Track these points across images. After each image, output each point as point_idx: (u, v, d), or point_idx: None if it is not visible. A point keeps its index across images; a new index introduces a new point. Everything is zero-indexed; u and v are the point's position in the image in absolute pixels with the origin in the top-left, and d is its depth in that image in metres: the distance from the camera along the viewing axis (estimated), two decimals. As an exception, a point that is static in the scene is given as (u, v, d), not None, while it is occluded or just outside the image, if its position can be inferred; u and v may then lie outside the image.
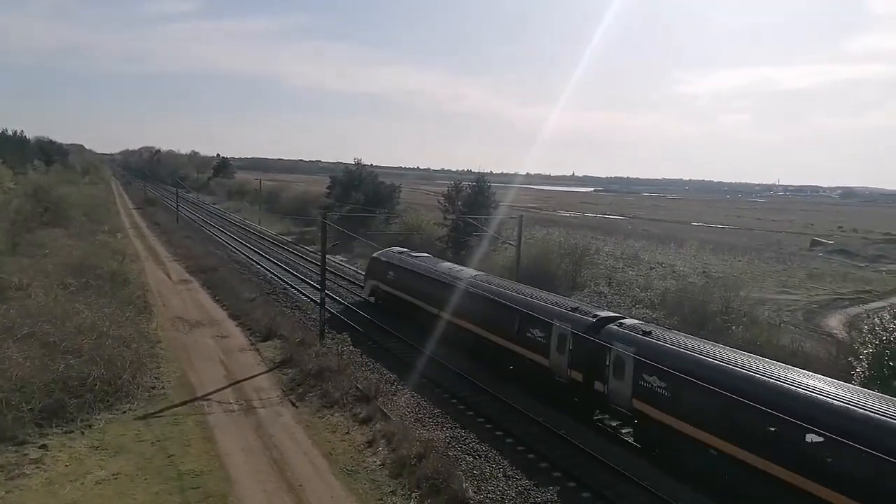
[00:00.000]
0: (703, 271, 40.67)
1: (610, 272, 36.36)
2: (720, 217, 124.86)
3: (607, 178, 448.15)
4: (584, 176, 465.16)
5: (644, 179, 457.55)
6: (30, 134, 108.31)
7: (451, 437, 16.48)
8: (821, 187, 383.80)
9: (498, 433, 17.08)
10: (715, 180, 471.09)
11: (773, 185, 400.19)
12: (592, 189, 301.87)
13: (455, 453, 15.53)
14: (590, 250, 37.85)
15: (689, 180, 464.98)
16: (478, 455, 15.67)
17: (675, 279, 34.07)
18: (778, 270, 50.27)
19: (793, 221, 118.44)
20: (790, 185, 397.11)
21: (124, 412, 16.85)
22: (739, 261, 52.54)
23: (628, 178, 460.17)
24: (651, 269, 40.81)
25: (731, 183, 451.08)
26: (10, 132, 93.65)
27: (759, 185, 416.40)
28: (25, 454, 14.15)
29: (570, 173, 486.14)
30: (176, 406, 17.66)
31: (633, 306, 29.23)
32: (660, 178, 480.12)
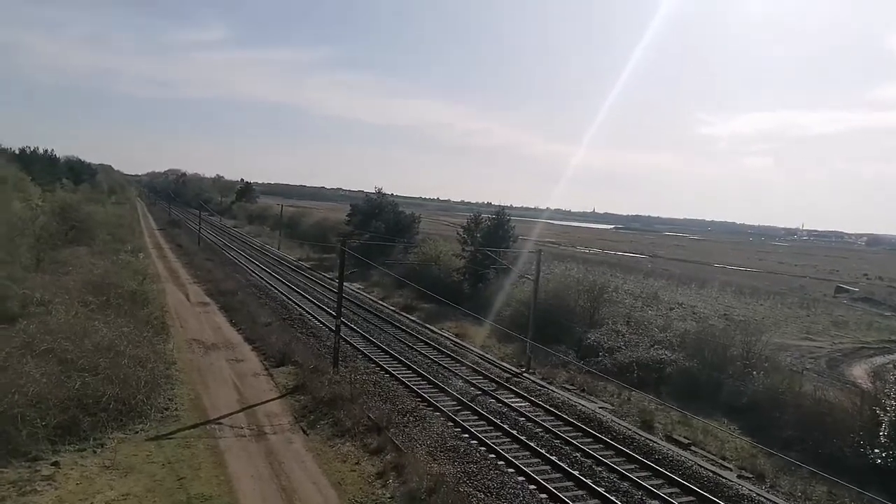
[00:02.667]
0: (725, 314, 40.07)
1: (629, 311, 35.90)
2: (743, 259, 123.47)
3: (628, 215, 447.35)
4: (605, 213, 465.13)
5: (665, 218, 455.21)
6: (60, 153, 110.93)
7: (463, 473, 16.18)
8: (846, 233, 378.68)
9: (510, 470, 16.75)
10: (738, 222, 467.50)
11: (798, 230, 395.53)
12: (613, 226, 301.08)
13: (466, 489, 15.24)
14: (608, 287, 37.46)
15: (712, 221, 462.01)
16: (489, 492, 15.35)
17: (695, 321, 33.52)
18: (801, 316, 49.36)
19: (817, 267, 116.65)
20: (815, 230, 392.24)
21: (137, 432, 16.81)
22: (762, 304, 51.74)
23: (649, 216, 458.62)
24: (671, 309, 40.28)
25: (754, 225, 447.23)
26: (40, 151, 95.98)
27: (783, 228, 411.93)
28: (37, 470, 14.13)
29: (591, 209, 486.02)
30: (188, 428, 17.59)
31: (652, 346, 28.77)
32: (681, 217, 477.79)
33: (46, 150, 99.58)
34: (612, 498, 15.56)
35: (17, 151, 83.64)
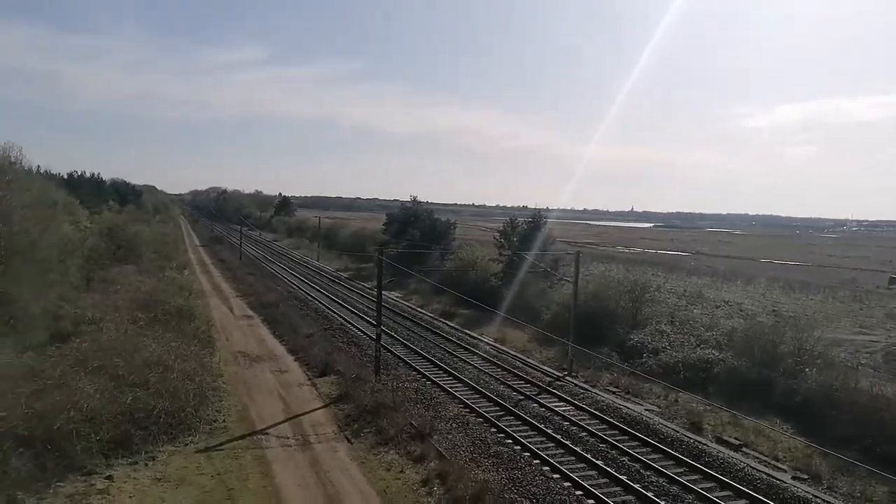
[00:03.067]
0: (773, 310, 38.85)
1: (672, 310, 35.16)
2: (790, 253, 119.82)
3: (668, 213, 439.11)
4: (644, 211, 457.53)
5: (707, 214, 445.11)
6: (106, 176, 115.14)
7: (508, 479, 16.06)
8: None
9: (555, 476, 16.55)
10: (783, 215, 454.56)
11: (846, 221, 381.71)
12: (653, 224, 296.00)
13: (511, 496, 15.12)
14: (650, 287, 36.78)
15: (756, 215, 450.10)
16: (535, 499, 15.19)
17: (742, 318, 32.59)
18: (854, 309, 47.51)
19: (869, 258, 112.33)
20: (864, 221, 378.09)
21: (186, 444, 17.22)
22: (812, 299, 50.02)
23: (690, 213, 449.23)
24: (716, 307, 39.27)
25: (800, 218, 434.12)
26: (87, 174, 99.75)
27: (830, 220, 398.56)
28: (92, 484, 14.58)
29: (630, 209, 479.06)
30: (236, 440, 17.93)
31: (698, 346, 28.11)
32: (724, 213, 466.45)
33: (93, 174, 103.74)
34: (662, 502, 15.23)
35: (65, 176, 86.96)
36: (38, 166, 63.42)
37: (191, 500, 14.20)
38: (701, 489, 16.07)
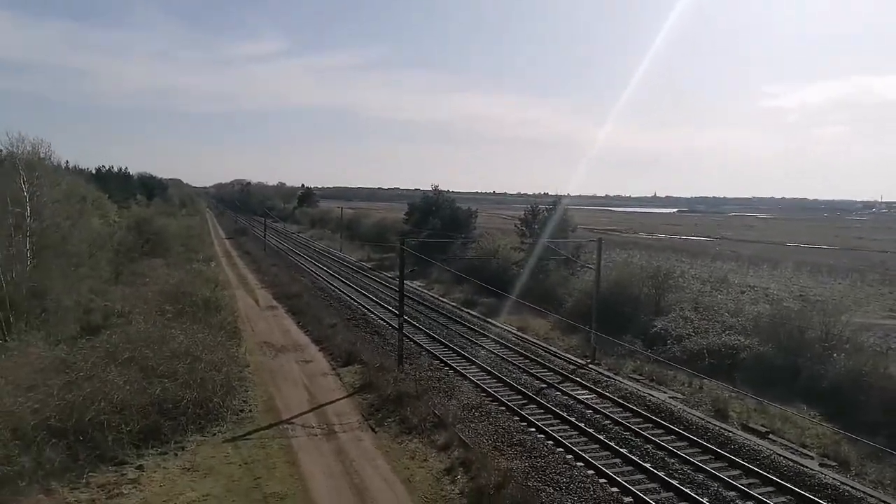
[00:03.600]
0: (800, 295, 38.18)
1: (696, 296, 34.75)
2: (817, 236, 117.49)
3: (692, 197, 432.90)
4: (667, 196, 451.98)
5: (732, 198, 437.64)
6: (133, 170, 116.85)
7: (531, 467, 16.12)
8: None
9: (579, 464, 16.57)
10: (810, 198, 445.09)
11: (875, 202, 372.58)
12: (676, 210, 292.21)
13: (535, 483, 15.18)
14: (674, 273, 36.39)
15: (782, 198, 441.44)
16: (559, 487, 15.24)
17: (768, 303, 32.08)
18: (884, 293, 46.54)
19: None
20: (894, 202, 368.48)
21: (214, 434, 17.56)
22: (840, 283, 49.03)
23: (715, 197, 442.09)
24: (742, 292, 38.72)
25: (828, 200, 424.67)
26: (115, 169, 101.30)
27: (859, 202, 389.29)
28: (124, 474, 14.96)
29: (652, 194, 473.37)
30: (263, 429, 18.24)
31: (723, 332, 27.79)
32: (749, 196, 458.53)
33: (121, 168, 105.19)
34: (688, 490, 15.17)
35: (93, 171, 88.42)
36: (67, 161, 64.54)
37: (219, 488, 14.50)
38: (727, 477, 15.98)
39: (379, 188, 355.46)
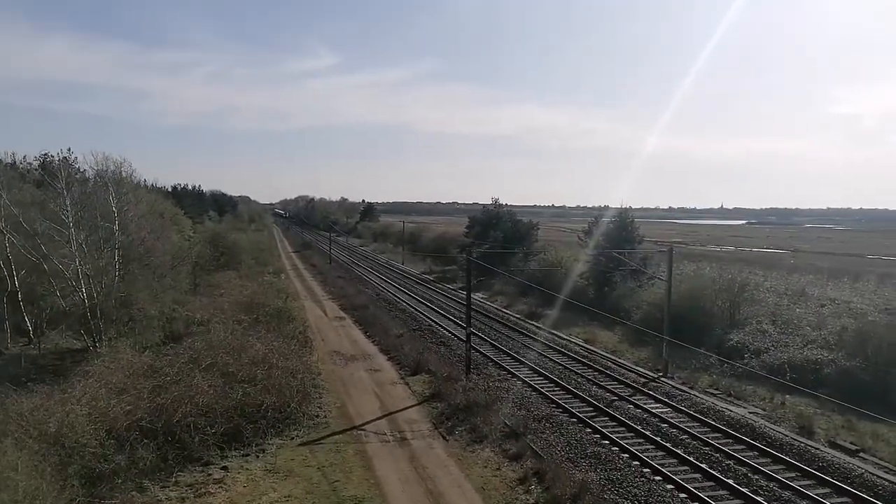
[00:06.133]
0: (886, 308, 36.07)
1: (773, 309, 33.37)
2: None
3: (762, 209, 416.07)
4: (735, 208, 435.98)
5: (805, 210, 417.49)
6: (205, 188, 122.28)
7: (607, 480, 15.82)
8: None
9: (657, 478, 16.14)
10: (892, 209, 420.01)
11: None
12: (745, 221, 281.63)
13: (611, 496, 14.90)
14: (749, 285, 35.09)
15: (860, 209, 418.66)
16: (636, 500, 14.89)
17: (851, 317, 30.47)
18: (982, 307, 43.38)
19: None
20: None
21: (292, 438, 18.08)
22: (930, 296, 46.01)
23: (786, 209, 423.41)
24: (822, 305, 36.89)
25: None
26: (189, 187, 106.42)
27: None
28: (210, 474, 15.59)
29: (719, 205, 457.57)
30: (336, 434, 18.66)
31: (805, 346, 26.58)
32: (824, 207, 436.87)
33: (194, 186, 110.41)
34: (773, 507, 14.54)
35: (169, 189, 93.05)
36: (145, 179, 68.16)
37: (300, 490, 14.91)
38: (816, 495, 15.21)
39: (438, 202, 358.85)
